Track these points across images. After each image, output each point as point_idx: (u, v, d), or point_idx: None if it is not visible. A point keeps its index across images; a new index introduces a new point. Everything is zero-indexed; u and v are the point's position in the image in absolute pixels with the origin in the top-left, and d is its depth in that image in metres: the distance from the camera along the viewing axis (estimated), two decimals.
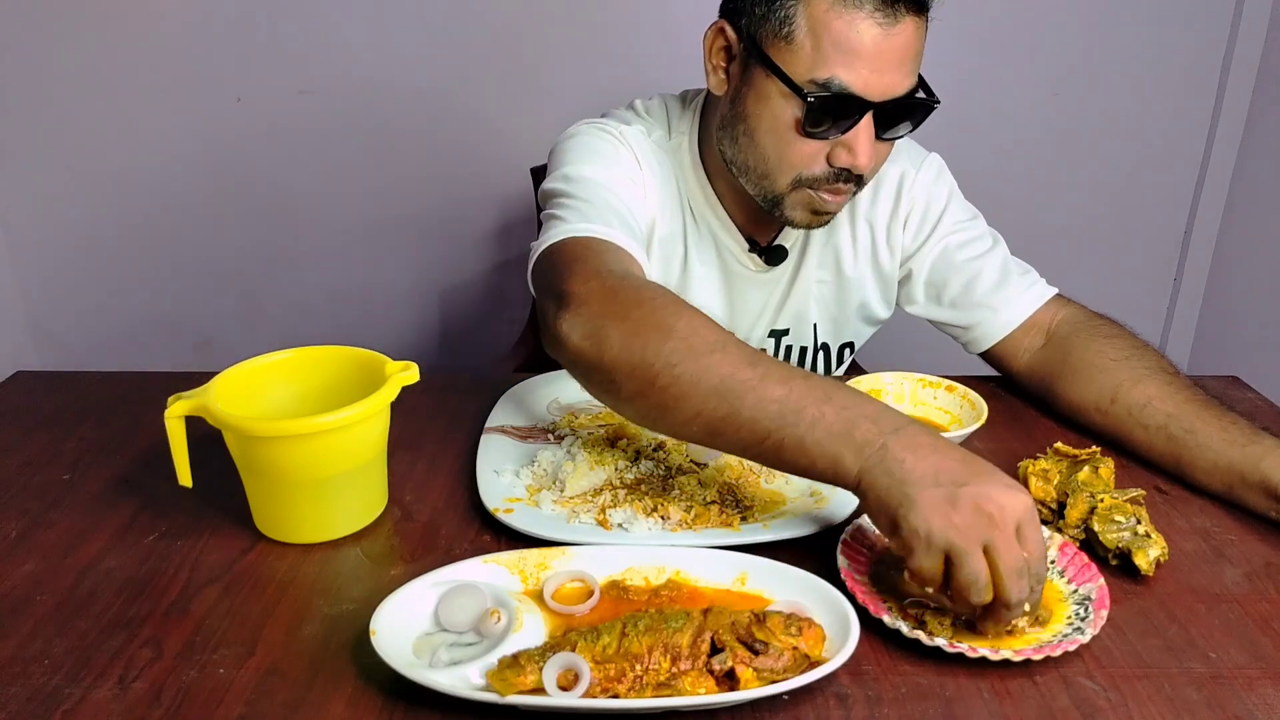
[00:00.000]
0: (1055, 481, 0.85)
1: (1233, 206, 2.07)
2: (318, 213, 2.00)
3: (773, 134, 0.95)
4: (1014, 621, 0.68)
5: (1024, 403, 1.08)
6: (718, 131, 1.02)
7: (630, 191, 1.00)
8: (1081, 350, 1.02)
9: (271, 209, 2.00)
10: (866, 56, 0.89)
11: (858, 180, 0.97)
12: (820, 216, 1.01)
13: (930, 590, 0.68)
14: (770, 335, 1.18)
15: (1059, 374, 1.03)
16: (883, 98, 0.91)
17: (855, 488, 0.69)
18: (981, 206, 1.15)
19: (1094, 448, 0.88)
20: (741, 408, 0.71)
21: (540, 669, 0.62)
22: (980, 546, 0.63)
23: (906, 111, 0.95)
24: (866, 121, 0.92)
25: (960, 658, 0.66)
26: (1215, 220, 2.10)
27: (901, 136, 0.98)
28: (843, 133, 0.93)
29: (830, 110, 0.91)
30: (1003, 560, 0.63)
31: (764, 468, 0.88)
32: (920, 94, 0.96)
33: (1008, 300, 1.07)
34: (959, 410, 0.99)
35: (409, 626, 0.67)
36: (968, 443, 0.98)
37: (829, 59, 0.89)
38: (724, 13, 0.98)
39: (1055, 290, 1.09)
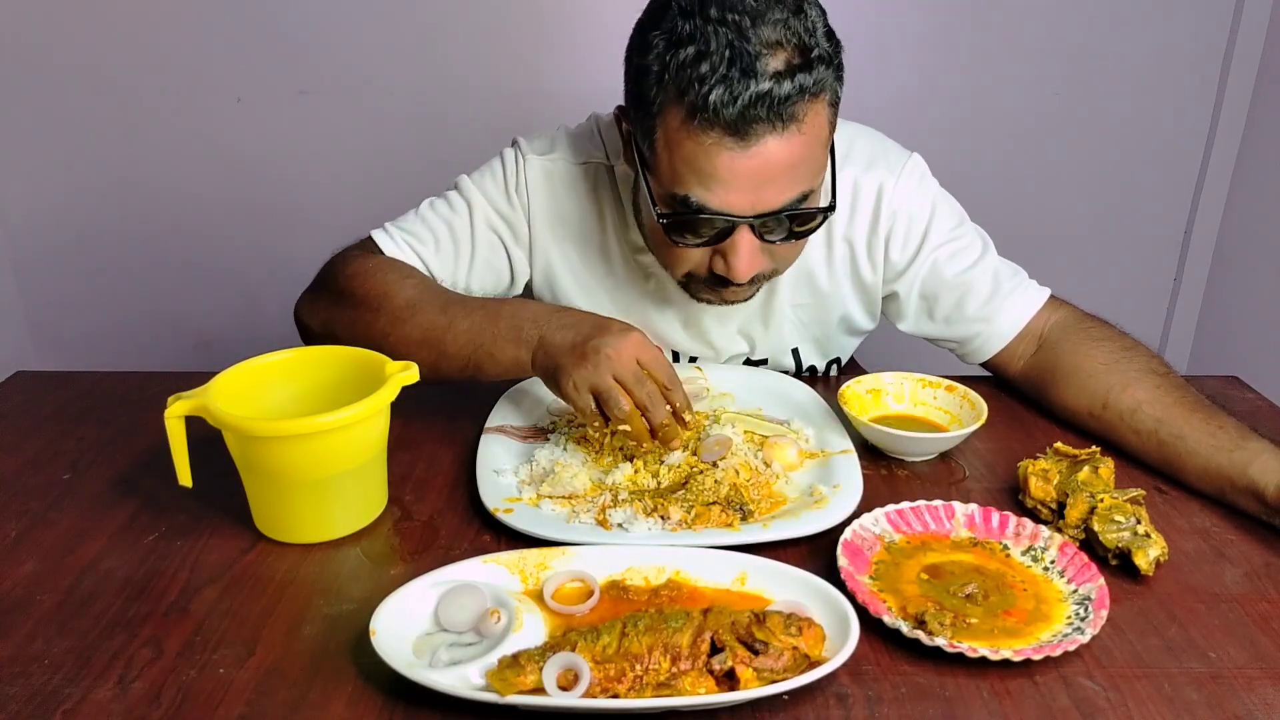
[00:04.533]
0: (1055, 481, 0.85)
1: (1233, 206, 2.07)
2: (318, 212, 2.00)
3: (654, 235, 0.95)
4: (678, 428, 0.87)
5: (1024, 403, 1.08)
6: (634, 201, 1.01)
7: (483, 220, 1.07)
8: (1071, 355, 1.01)
9: (271, 209, 2.00)
10: (722, 179, 0.84)
11: (755, 280, 0.94)
12: (729, 301, 1.00)
13: (596, 426, 0.89)
14: (746, 364, 1.16)
15: (1051, 380, 1.03)
16: (752, 212, 0.87)
17: (534, 372, 0.88)
18: (981, 207, 1.14)
19: (1094, 448, 0.88)
20: (445, 348, 0.91)
21: (540, 669, 0.62)
22: (609, 377, 0.83)
23: (793, 220, 0.90)
24: (743, 236, 0.88)
25: (960, 658, 0.66)
26: (1215, 220, 2.10)
27: (795, 241, 0.93)
28: (718, 242, 0.90)
29: (691, 225, 0.89)
30: (625, 379, 0.83)
31: (770, 469, 0.90)
32: (809, 202, 0.89)
33: (1001, 311, 1.06)
34: (959, 410, 0.99)
35: (409, 626, 0.67)
36: (968, 444, 0.98)
37: (684, 178, 0.86)
38: (625, 100, 0.93)
39: (1048, 292, 1.08)
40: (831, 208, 0.92)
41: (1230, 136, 2.02)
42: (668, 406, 0.85)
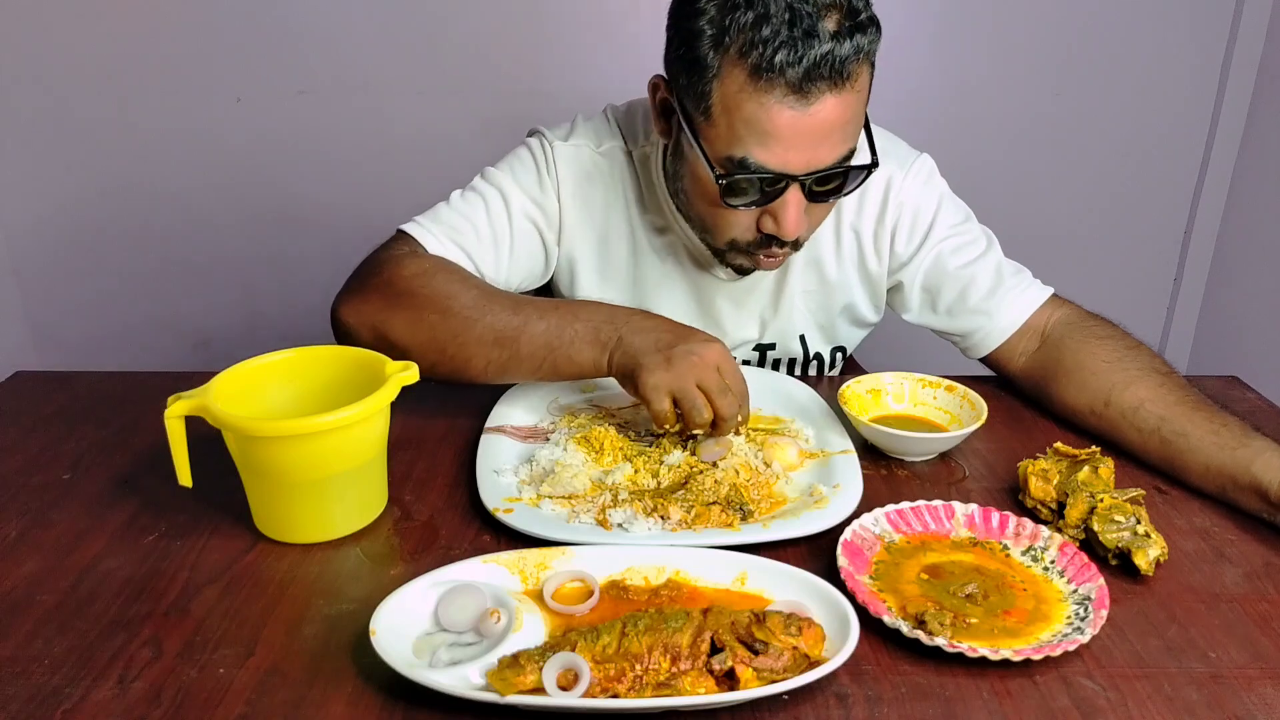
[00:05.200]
0: (1055, 481, 0.85)
1: (1233, 206, 2.07)
2: (317, 212, 2.00)
3: (702, 201, 0.96)
4: (729, 436, 0.90)
5: (1024, 403, 1.08)
6: (668, 176, 1.03)
7: (520, 209, 1.06)
8: (1074, 353, 1.02)
9: (271, 209, 2.00)
10: (782, 137, 0.86)
11: (794, 243, 0.97)
12: (763, 266, 1.02)
13: (669, 427, 0.88)
14: (755, 349, 1.18)
15: (1053, 377, 1.03)
16: (806, 171, 0.89)
17: (610, 372, 0.89)
18: (982, 206, 1.15)
19: (1094, 448, 0.88)
20: (519, 348, 0.91)
21: (540, 669, 0.62)
22: (694, 383, 0.85)
23: (839, 176, 0.92)
24: (793, 194, 0.90)
25: (960, 658, 0.66)
26: (1215, 220, 2.10)
27: (838, 199, 0.96)
28: (767, 203, 0.91)
29: (747, 186, 0.90)
30: (709, 387, 0.85)
31: (771, 469, 0.90)
32: (855, 159, 0.92)
33: (1003, 306, 1.07)
34: (959, 410, 0.99)
35: (409, 626, 0.67)
36: (968, 444, 0.98)
37: (742, 139, 0.87)
38: (665, 69, 0.95)
39: (1050, 290, 1.09)
40: (875, 164, 0.94)
41: (1230, 136, 2.02)
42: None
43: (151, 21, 1.84)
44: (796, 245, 0.98)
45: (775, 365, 1.20)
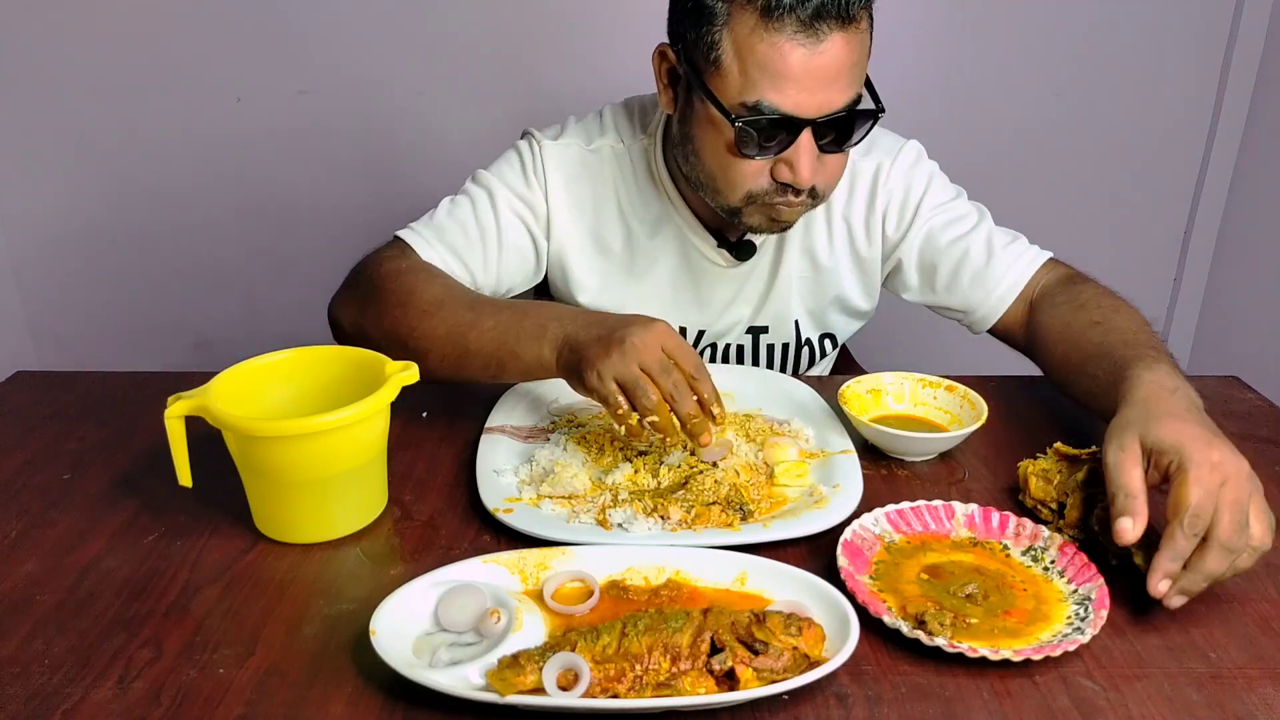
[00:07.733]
0: (1055, 481, 0.84)
1: (1233, 206, 2.07)
2: (317, 212, 2.00)
3: (715, 156, 0.96)
4: (707, 421, 0.84)
5: (1024, 403, 1.08)
6: (673, 147, 1.04)
7: (506, 206, 1.08)
8: (1050, 318, 1.03)
9: (271, 209, 2.00)
10: (794, 77, 0.88)
11: (811, 193, 0.97)
12: (779, 223, 1.02)
13: (621, 415, 0.82)
14: (748, 332, 1.19)
15: (1039, 345, 1.04)
16: (818, 114, 0.90)
17: (558, 370, 0.87)
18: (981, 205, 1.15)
19: (1094, 448, 0.87)
20: (469, 345, 0.91)
21: (540, 669, 0.62)
22: (635, 365, 0.81)
23: (849, 123, 0.93)
24: (805, 139, 0.91)
25: (960, 658, 0.66)
26: (1215, 220, 2.10)
27: (848, 148, 0.96)
28: (781, 151, 0.92)
29: (761, 132, 0.91)
30: (650, 367, 0.81)
31: (770, 469, 0.90)
32: (863, 104, 0.93)
33: (998, 277, 1.08)
34: (959, 410, 0.99)
35: (409, 626, 0.67)
36: (968, 444, 0.98)
37: (755, 82, 0.89)
38: (668, 36, 0.97)
39: (1048, 255, 1.10)
40: (882, 109, 0.95)
41: (1230, 136, 2.02)
42: (695, 398, 0.83)
43: (151, 22, 1.84)
44: (815, 196, 0.98)
45: (769, 350, 1.20)
